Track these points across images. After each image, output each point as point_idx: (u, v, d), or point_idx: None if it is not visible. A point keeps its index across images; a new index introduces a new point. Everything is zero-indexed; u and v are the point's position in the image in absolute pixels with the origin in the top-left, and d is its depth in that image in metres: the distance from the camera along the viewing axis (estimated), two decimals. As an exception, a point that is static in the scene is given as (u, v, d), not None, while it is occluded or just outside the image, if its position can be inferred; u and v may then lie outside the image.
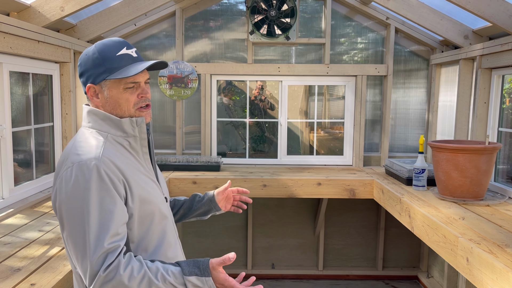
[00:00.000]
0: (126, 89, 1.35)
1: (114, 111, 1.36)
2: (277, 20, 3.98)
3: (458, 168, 2.65)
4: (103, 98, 1.36)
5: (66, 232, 1.22)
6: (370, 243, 4.61)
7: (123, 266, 1.18)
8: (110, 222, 1.20)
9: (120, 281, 1.17)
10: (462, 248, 2.04)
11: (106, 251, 1.18)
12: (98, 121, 1.36)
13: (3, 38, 2.46)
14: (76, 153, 1.27)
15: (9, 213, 2.53)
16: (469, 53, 3.41)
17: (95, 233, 1.18)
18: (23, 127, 2.94)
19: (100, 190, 1.22)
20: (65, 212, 1.22)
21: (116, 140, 1.35)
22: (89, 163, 1.23)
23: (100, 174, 1.22)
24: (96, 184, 1.21)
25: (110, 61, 1.34)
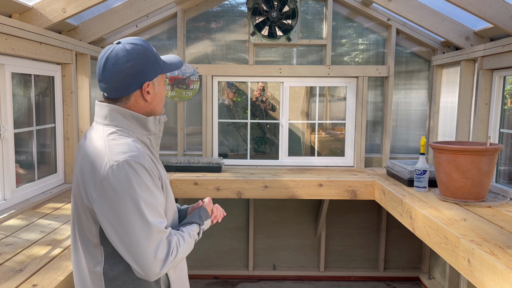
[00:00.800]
0: (164, 84, 1.45)
1: (157, 107, 1.44)
2: (279, 21, 3.99)
3: (460, 169, 2.65)
4: (153, 94, 1.41)
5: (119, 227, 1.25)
6: (371, 244, 4.60)
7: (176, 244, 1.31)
8: (160, 210, 1.31)
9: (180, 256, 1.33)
10: (463, 249, 2.04)
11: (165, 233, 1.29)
12: (123, 120, 1.37)
13: (5, 39, 2.47)
14: (116, 152, 1.28)
15: (11, 214, 2.53)
16: (470, 54, 3.41)
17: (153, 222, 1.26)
18: (25, 129, 2.94)
19: (148, 181, 1.29)
20: (120, 207, 1.24)
21: (139, 139, 1.39)
22: (136, 159, 1.28)
23: (147, 169, 1.30)
24: (145, 176, 1.28)
25: (157, 56, 1.40)
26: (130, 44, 1.37)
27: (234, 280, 4.55)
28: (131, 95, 1.38)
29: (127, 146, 1.30)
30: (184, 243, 1.36)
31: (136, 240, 1.24)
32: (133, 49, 1.36)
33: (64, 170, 3.41)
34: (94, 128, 1.40)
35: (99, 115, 1.39)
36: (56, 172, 3.35)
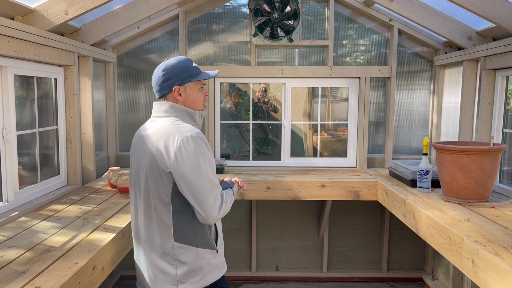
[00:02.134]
0: (200, 89, 1.99)
1: (191, 106, 1.97)
2: (280, 22, 3.98)
3: (463, 169, 2.64)
4: (185, 96, 1.95)
5: (188, 183, 1.79)
6: (374, 245, 4.59)
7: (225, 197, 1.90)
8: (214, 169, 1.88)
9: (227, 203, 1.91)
10: (467, 250, 2.03)
11: (219, 188, 1.88)
12: (178, 113, 1.94)
13: (7, 42, 2.47)
14: (184, 131, 1.84)
15: (14, 216, 2.54)
16: (473, 54, 3.40)
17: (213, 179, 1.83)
18: (27, 131, 2.95)
19: (207, 150, 1.85)
20: (191, 167, 1.79)
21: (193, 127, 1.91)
22: (199, 135, 1.84)
23: (206, 143, 1.86)
24: (206, 149, 1.84)
25: (191, 70, 1.95)
26: (171, 59, 1.97)
27: (237, 281, 4.54)
28: (167, 95, 1.96)
29: (190, 127, 1.87)
30: (228, 199, 1.93)
31: (202, 192, 1.80)
32: (169, 62, 1.95)
33: (66, 172, 3.42)
34: (155, 121, 1.95)
35: (160, 110, 1.95)
36: (59, 174, 3.35)
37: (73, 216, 2.58)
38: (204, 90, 2.02)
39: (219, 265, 2.00)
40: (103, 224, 2.42)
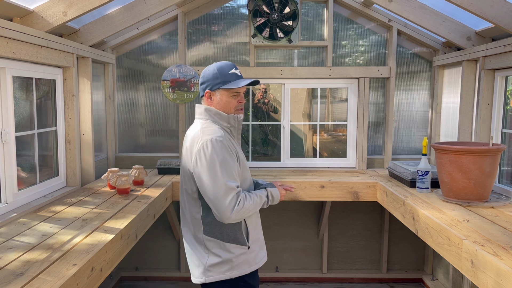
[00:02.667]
0: (232, 96, 2.10)
1: (223, 109, 2.11)
2: (279, 23, 3.98)
3: (462, 170, 2.64)
4: (215, 100, 2.11)
5: (206, 183, 1.96)
6: (374, 245, 4.59)
7: (243, 198, 1.98)
8: (234, 173, 1.99)
9: (246, 209, 1.99)
10: (466, 250, 2.02)
11: (235, 190, 1.96)
12: (211, 115, 2.11)
13: (6, 43, 2.47)
14: (207, 134, 2.01)
15: (13, 217, 2.53)
16: (472, 55, 3.40)
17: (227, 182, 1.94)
18: (26, 132, 2.95)
19: (225, 153, 1.97)
20: (206, 170, 1.95)
21: (223, 128, 2.10)
22: (218, 138, 1.99)
23: (224, 145, 1.99)
24: (223, 150, 1.97)
25: (224, 76, 2.06)
26: (213, 64, 2.13)
27: (236, 282, 4.54)
28: (202, 98, 2.16)
29: (213, 131, 2.03)
30: (251, 200, 2.01)
31: (215, 193, 1.94)
32: (207, 68, 2.13)
33: (66, 173, 3.41)
34: (195, 122, 2.17)
35: (197, 112, 2.17)
36: (58, 175, 3.35)
37: (72, 218, 2.58)
38: (240, 97, 2.13)
39: (250, 261, 2.12)
40: (102, 225, 2.42)
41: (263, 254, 2.22)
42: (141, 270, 4.56)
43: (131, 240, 2.55)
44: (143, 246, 4.48)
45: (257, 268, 2.17)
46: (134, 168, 3.48)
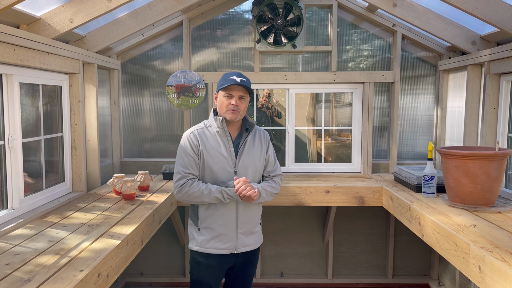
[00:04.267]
0: (226, 96, 2.43)
1: (219, 109, 2.47)
2: (284, 28, 4.00)
3: (468, 174, 2.63)
4: (217, 101, 2.49)
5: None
6: (379, 251, 4.56)
7: (186, 184, 2.40)
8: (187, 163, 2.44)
9: (186, 191, 2.40)
10: (474, 256, 2.01)
11: (180, 174, 2.43)
12: (211, 117, 2.54)
13: (13, 50, 2.49)
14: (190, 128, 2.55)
15: (19, 223, 2.54)
16: (477, 59, 3.40)
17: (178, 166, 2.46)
18: (33, 138, 2.97)
19: (186, 145, 2.45)
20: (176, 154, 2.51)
21: (211, 128, 2.49)
22: (188, 133, 2.49)
23: (188, 138, 2.47)
24: (185, 142, 2.47)
25: (224, 80, 2.43)
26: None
27: (241, 288, 4.53)
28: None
29: (197, 126, 2.53)
30: (196, 188, 2.38)
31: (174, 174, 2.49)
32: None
33: (71, 179, 3.43)
34: None
35: None
36: (64, 181, 3.36)
37: (78, 223, 2.59)
38: (233, 100, 2.40)
39: (199, 241, 2.50)
40: (108, 231, 2.42)
41: (217, 246, 2.47)
42: (146, 275, 4.56)
43: (137, 246, 2.55)
44: (148, 251, 4.48)
45: (204, 252, 2.48)
46: (140, 173, 3.49)
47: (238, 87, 2.42)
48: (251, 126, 2.55)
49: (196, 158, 2.44)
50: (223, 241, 2.47)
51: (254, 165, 2.53)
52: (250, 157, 2.51)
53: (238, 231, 2.49)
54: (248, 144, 2.51)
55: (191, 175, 2.43)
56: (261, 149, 2.57)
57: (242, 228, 2.51)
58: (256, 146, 2.55)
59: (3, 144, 2.60)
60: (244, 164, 2.49)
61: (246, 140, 2.51)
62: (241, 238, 2.51)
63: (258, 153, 2.55)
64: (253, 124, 2.56)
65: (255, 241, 2.60)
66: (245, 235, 2.53)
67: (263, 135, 2.63)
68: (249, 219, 2.54)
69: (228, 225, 2.47)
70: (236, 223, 2.49)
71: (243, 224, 2.51)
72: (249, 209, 2.53)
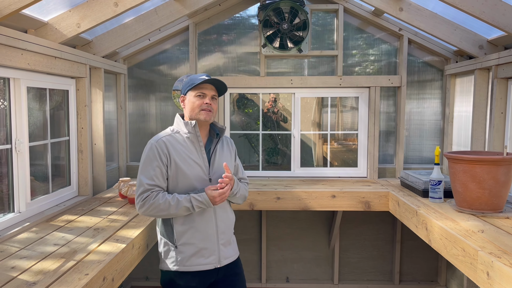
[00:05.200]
0: (197, 96, 2.24)
1: (190, 112, 2.25)
2: (290, 33, 4.00)
3: (476, 179, 2.60)
4: (186, 103, 2.28)
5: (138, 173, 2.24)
6: (386, 256, 4.53)
7: (150, 197, 2.14)
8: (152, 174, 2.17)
9: (150, 204, 2.14)
10: (482, 262, 1.99)
11: (144, 186, 2.16)
12: (177, 122, 2.32)
13: (20, 54, 2.51)
14: (155, 136, 2.29)
15: (25, 227, 2.55)
16: (484, 63, 3.38)
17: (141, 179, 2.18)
18: (40, 142, 2.98)
19: (150, 154, 2.19)
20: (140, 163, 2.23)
21: (180, 133, 2.27)
22: (153, 141, 2.23)
23: (154, 147, 2.20)
24: (150, 152, 2.20)
25: (193, 80, 2.25)
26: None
27: (247, 293, 4.51)
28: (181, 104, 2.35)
29: (163, 134, 2.28)
30: (161, 200, 2.13)
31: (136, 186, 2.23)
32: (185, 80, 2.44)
33: (78, 182, 3.44)
34: None
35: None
36: (70, 184, 3.37)
37: (84, 227, 2.59)
38: (206, 99, 2.23)
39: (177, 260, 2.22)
40: (114, 235, 2.42)
41: (199, 261, 2.22)
42: (151, 280, 4.56)
43: (142, 250, 2.55)
44: (153, 255, 4.47)
45: (186, 270, 2.21)
46: (145, 177, 3.49)
47: (210, 86, 2.26)
48: (221, 131, 2.37)
49: (163, 169, 2.18)
50: (205, 256, 2.23)
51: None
52: (222, 163, 2.30)
53: (219, 242, 2.27)
54: (219, 150, 2.34)
55: (157, 188, 2.17)
56: (230, 156, 2.41)
57: (223, 239, 2.30)
58: (225, 152, 2.38)
59: (10, 148, 2.62)
60: (217, 171, 2.29)
61: (216, 146, 2.33)
62: (222, 250, 2.29)
63: (228, 159, 2.37)
64: (223, 129, 2.38)
65: (233, 251, 2.39)
66: (225, 246, 2.31)
67: (230, 141, 2.47)
68: (227, 229, 2.34)
69: (209, 238, 2.24)
70: (217, 234, 2.27)
71: (223, 235, 2.30)
72: (227, 218, 2.34)
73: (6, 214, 2.61)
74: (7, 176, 2.63)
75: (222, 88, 2.31)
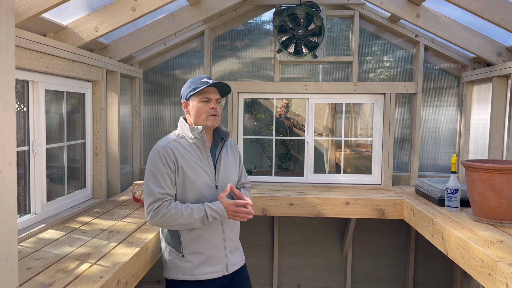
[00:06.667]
0: (202, 101, 2.16)
1: (195, 118, 2.17)
2: (305, 39, 3.99)
3: (494, 189, 2.55)
4: (190, 109, 2.20)
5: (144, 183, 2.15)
6: (399, 265, 4.47)
7: (162, 206, 2.06)
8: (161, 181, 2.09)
9: (162, 214, 2.06)
10: (501, 273, 1.94)
11: (155, 196, 2.08)
12: (182, 126, 2.23)
13: (40, 58, 2.55)
14: (159, 142, 2.19)
15: (41, 228, 2.58)
16: (502, 71, 3.33)
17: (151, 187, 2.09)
18: (56, 144, 3.01)
19: (158, 162, 2.10)
20: (146, 172, 2.15)
21: (185, 138, 2.18)
22: (159, 147, 2.14)
23: (160, 154, 2.11)
24: (157, 159, 2.11)
25: (195, 84, 2.17)
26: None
27: (258, 299, 4.48)
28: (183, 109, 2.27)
29: (167, 140, 2.18)
30: (174, 210, 2.05)
31: (144, 194, 2.15)
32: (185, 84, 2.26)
33: (92, 185, 3.47)
34: None
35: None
36: (85, 187, 3.40)
37: (98, 229, 2.60)
38: (212, 103, 2.16)
39: (184, 269, 2.18)
40: (127, 238, 2.43)
41: (208, 270, 2.18)
42: (163, 283, 4.56)
43: (156, 253, 2.55)
44: (165, 259, 4.48)
45: (193, 279, 2.17)
46: (159, 181, 3.50)
47: (214, 89, 2.19)
48: (226, 135, 2.29)
49: (172, 176, 2.12)
50: (212, 264, 2.20)
51: (231, 177, 2.29)
52: (227, 169, 2.26)
53: (226, 250, 2.24)
54: (224, 155, 2.28)
55: (168, 196, 2.11)
56: (234, 160, 2.34)
57: (230, 247, 2.26)
58: (230, 156, 2.31)
59: (27, 150, 2.65)
60: (223, 177, 2.23)
61: (221, 150, 2.27)
62: (229, 257, 2.26)
63: (233, 164, 2.31)
64: (228, 133, 2.30)
65: (240, 257, 2.37)
66: (232, 253, 2.28)
67: (234, 145, 2.40)
68: (234, 236, 2.31)
69: (216, 246, 2.20)
70: (224, 242, 2.23)
71: (230, 242, 2.27)
72: (233, 225, 2.29)
73: (23, 216, 2.64)
74: (24, 178, 2.66)
75: (226, 90, 2.24)
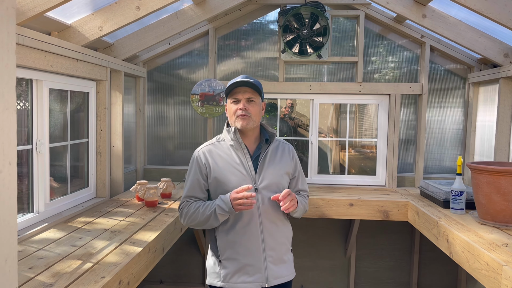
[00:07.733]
0: (233, 102, 2.10)
1: (230, 119, 2.14)
2: (309, 39, 3.97)
3: (500, 191, 2.52)
4: (228, 111, 2.15)
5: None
6: (403, 267, 4.44)
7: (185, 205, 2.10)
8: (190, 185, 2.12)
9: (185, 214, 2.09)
10: (506, 277, 1.92)
11: (183, 199, 2.13)
12: (224, 129, 2.18)
13: (44, 56, 2.54)
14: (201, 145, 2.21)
15: (44, 227, 2.57)
16: (509, 72, 3.29)
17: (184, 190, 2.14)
18: (60, 143, 3.01)
19: (192, 165, 2.15)
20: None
21: (225, 141, 2.14)
22: (197, 151, 2.16)
23: (195, 157, 2.15)
24: (193, 162, 2.15)
25: (227, 87, 2.08)
26: None
27: (260, 299, 4.46)
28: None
29: (207, 143, 2.19)
30: (193, 208, 2.06)
31: None
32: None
33: (95, 184, 3.46)
34: None
35: None
36: (88, 186, 3.40)
37: (101, 229, 2.60)
38: (240, 104, 2.06)
39: (221, 275, 2.08)
40: (130, 238, 2.42)
41: (244, 279, 2.03)
42: (166, 283, 4.55)
43: (158, 254, 2.54)
44: (168, 259, 4.48)
45: (227, 287, 2.05)
46: (162, 180, 3.50)
47: (244, 89, 2.06)
48: (272, 136, 2.16)
49: (201, 181, 2.09)
50: (249, 273, 2.03)
51: (277, 181, 2.10)
52: (272, 172, 2.10)
53: (266, 259, 2.05)
54: (269, 157, 2.12)
55: (194, 199, 2.11)
56: (285, 166, 2.15)
57: (271, 256, 2.06)
58: (278, 160, 2.13)
59: (31, 148, 2.65)
60: (266, 181, 2.07)
61: (266, 152, 2.11)
62: (270, 268, 2.05)
63: (282, 169, 2.13)
64: (274, 134, 2.17)
65: (287, 271, 2.14)
66: (275, 264, 2.07)
67: (288, 149, 2.22)
68: (278, 245, 2.10)
69: (253, 254, 2.04)
70: (263, 250, 2.05)
71: (272, 252, 2.07)
72: (277, 231, 2.10)
73: (26, 214, 2.64)
74: (27, 176, 2.66)
75: (258, 87, 2.10)
